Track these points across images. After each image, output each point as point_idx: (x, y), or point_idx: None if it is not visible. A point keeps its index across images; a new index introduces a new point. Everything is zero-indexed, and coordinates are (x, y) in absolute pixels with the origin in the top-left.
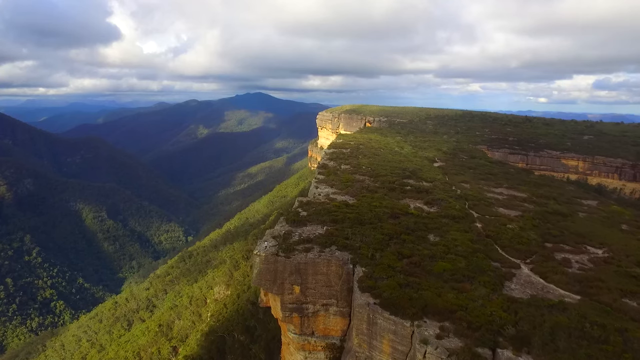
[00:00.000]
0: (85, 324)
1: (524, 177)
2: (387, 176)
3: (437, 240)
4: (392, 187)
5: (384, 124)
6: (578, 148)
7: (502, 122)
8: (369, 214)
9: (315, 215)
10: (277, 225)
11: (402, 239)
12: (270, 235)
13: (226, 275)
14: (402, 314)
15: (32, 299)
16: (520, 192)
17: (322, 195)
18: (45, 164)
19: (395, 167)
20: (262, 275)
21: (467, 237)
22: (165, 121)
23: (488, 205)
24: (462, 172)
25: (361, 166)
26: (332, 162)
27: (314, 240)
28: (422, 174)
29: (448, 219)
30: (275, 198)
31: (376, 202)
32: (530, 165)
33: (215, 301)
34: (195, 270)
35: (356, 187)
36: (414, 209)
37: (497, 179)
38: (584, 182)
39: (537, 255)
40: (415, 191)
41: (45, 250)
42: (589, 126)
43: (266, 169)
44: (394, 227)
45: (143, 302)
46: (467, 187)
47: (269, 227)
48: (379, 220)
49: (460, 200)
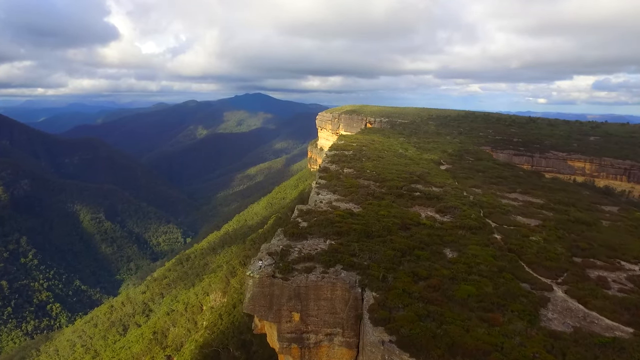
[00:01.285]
0: (80, 328)
1: (536, 181)
2: (393, 181)
3: (456, 256)
4: (399, 193)
5: (385, 125)
6: (585, 149)
7: (506, 122)
8: (377, 225)
9: (316, 226)
10: (274, 238)
11: (415, 255)
12: (265, 251)
13: (223, 282)
14: (426, 356)
15: (27, 302)
16: (535, 198)
17: (324, 202)
18: (43, 165)
19: (401, 171)
20: (255, 301)
21: (489, 252)
22: (164, 122)
23: (505, 213)
24: (472, 175)
25: (365, 170)
26: (334, 166)
27: (316, 257)
28: (431, 178)
29: (464, 230)
30: (274, 200)
31: (384, 210)
32: (536, 166)
33: (211, 309)
34: (192, 274)
35: (361, 193)
36: (426, 218)
37: (508, 183)
38: (591, 184)
39: (569, 274)
40: (425, 197)
41: (41, 252)
42: (594, 127)
43: (265, 170)
44: (406, 241)
45: (139, 306)
46: (479, 192)
47: (267, 231)
48: (389, 232)
49: (474, 207)
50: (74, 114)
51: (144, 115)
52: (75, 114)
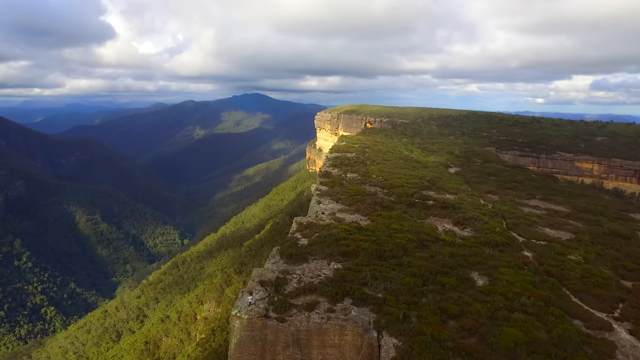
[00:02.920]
0: (73, 334)
1: (553, 185)
2: (402, 187)
3: (487, 283)
4: (411, 201)
5: (386, 125)
6: (592, 150)
7: (509, 122)
8: (390, 243)
9: (319, 244)
10: (268, 261)
11: (439, 282)
12: (257, 279)
13: (217, 291)
14: None
15: (21, 306)
16: (558, 205)
17: (327, 213)
18: (39, 166)
19: (410, 175)
20: (243, 348)
21: (525, 277)
22: (162, 122)
23: (530, 224)
24: (484, 179)
25: (371, 174)
26: (336, 170)
27: (320, 288)
28: (442, 184)
29: (490, 248)
30: (272, 202)
31: (395, 223)
32: (542, 168)
33: (205, 319)
34: (188, 278)
35: (367, 202)
36: (444, 232)
37: (525, 188)
38: (600, 186)
39: (626, 305)
40: (439, 207)
41: (36, 254)
42: (600, 127)
43: (263, 171)
44: (426, 264)
45: (134, 311)
46: (496, 199)
47: (264, 237)
48: (404, 251)
49: (496, 218)
50: (72, 114)
51: (141, 116)
52: (72, 114)
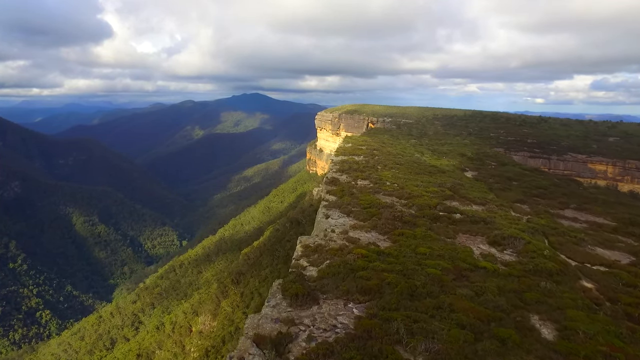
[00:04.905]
0: (66, 340)
1: (582, 192)
2: (422, 197)
3: (557, 336)
4: (434, 215)
5: (389, 125)
6: (605, 151)
7: (516, 122)
8: (421, 274)
9: (332, 277)
10: (267, 304)
11: (497, 337)
12: (251, 335)
13: (213, 303)
14: None
15: (16, 309)
16: (597, 216)
17: (337, 232)
18: (37, 166)
19: (428, 182)
20: None
21: (604, 325)
22: (160, 122)
23: (577, 242)
24: (507, 186)
25: (384, 181)
26: (345, 176)
27: (338, 351)
28: (466, 192)
29: (542, 278)
30: (272, 203)
31: (422, 245)
32: (553, 169)
33: (200, 333)
34: (185, 283)
35: (385, 216)
36: (481, 256)
37: (553, 195)
38: (614, 188)
39: None
40: (469, 221)
41: (31, 256)
42: (610, 127)
43: (262, 171)
44: (473, 306)
45: (129, 317)
46: (527, 209)
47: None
48: (441, 286)
49: (535, 235)
50: (71, 114)
51: (140, 116)
52: (71, 114)
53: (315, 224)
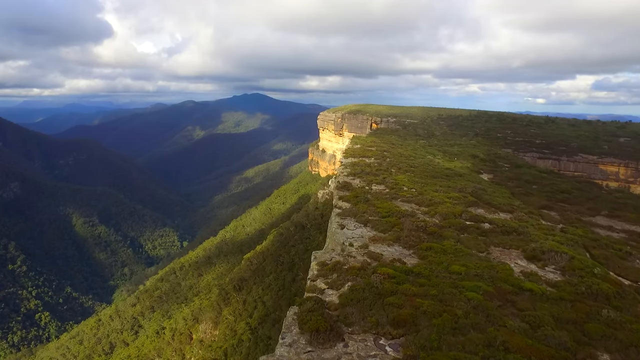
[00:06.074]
0: (65, 344)
1: (607, 196)
2: (444, 204)
3: None
4: (461, 224)
5: (394, 125)
6: (617, 152)
7: (523, 122)
8: (460, 300)
9: (356, 304)
10: (281, 341)
11: None
12: None
13: (214, 311)
14: None
15: (14, 311)
16: (633, 224)
17: (356, 245)
18: (37, 167)
19: (447, 187)
20: None
21: None
22: (161, 122)
23: (622, 256)
24: (529, 190)
25: (400, 186)
26: (357, 180)
27: None
28: (489, 197)
29: (599, 302)
30: (274, 205)
31: (454, 262)
32: (563, 171)
33: (201, 342)
34: (185, 286)
35: (407, 226)
36: (523, 274)
37: (579, 201)
38: (627, 190)
39: None
40: (500, 232)
41: (31, 258)
42: (620, 127)
43: (263, 172)
44: (530, 343)
45: (128, 321)
46: (556, 217)
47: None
48: (485, 315)
49: (575, 247)
50: (71, 114)
51: (141, 116)
52: (72, 114)
53: (329, 235)
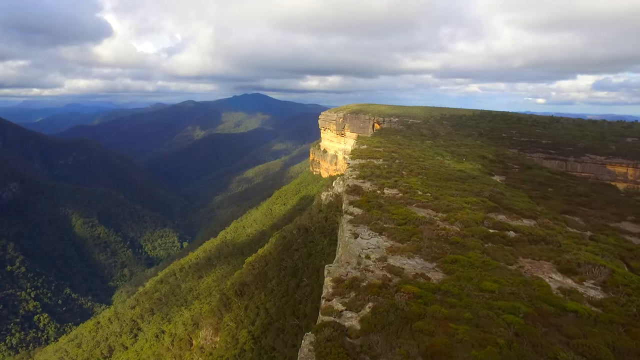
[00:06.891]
0: (63, 348)
1: (627, 199)
2: (463, 209)
3: None
4: (484, 233)
5: (396, 125)
6: (625, 152)
7: (528, 122)
8: (497, 323)
9: (381, 332)
10: None
11: None
12: None
13: (215, 316)
14: None
15: (13, 313)
16: None
17: (373, 257)
18: (36, 167)
19: (463, 191)
20: None
21: None
22: (161, 122)
23: None
24: (546, 193)
25: (415, 190)
26: (368, 183)
27: None
28: (508, 202)
29: None
30: (275, 205)
31: (485, 277)
32: (570, 172)
33: (201, 349)
34: (185, 289)
35: (426, 235)
36: (561, 291)
37: (599, 204)
38: (636, 191)
39: None
40: (527, 241)
41: (30, 258)
42: (626, 127)
43: (263, 172)
44: None
45: (127, 324)
46: (581, 223)
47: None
48: (532, 345)
49: (609, 257)
50: (71, 114)
51: (141, 116)
52: (72, 114)
53: (342, 245)
